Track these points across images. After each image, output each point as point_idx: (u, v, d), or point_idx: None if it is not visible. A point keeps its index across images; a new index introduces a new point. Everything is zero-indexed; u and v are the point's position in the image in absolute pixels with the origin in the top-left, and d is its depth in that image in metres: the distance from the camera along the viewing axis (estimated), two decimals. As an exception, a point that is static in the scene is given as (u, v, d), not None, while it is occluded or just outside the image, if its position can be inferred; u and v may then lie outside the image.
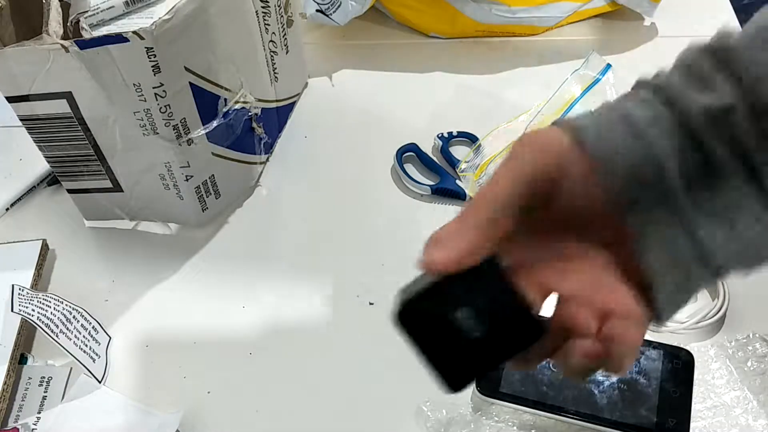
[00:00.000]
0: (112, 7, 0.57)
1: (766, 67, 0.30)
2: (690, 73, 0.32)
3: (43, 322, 0.53)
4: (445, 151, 0.69)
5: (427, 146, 0.71)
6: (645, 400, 0.50)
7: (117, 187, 0.62)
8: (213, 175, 0.63)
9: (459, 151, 0.69)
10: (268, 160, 0.71)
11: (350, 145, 0.73)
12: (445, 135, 0.70)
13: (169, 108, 0.56)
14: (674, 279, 0.32)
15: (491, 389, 0.51)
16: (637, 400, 0.50)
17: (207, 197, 0.64)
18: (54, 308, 0.55)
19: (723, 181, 0.31)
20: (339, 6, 0.74)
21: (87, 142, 0.58)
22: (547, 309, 0.34)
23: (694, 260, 0.31)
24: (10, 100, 0.55)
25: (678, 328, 0.54)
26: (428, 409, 0.51)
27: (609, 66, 0.68)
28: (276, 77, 0.70)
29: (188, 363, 0.57)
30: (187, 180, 0.61)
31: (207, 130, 0.60)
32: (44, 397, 0.55)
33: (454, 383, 0.33)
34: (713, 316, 0.54)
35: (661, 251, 0.31)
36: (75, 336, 0.55)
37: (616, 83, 0.68)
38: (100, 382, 0.55)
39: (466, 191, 0.65)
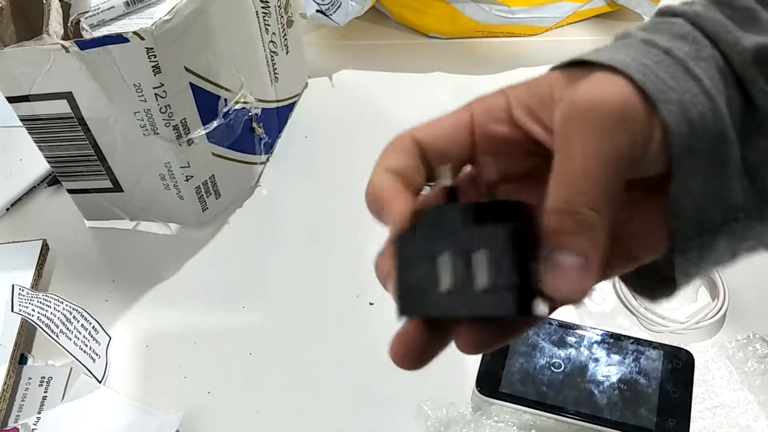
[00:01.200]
0: (113, 7, 0.57)
1: None
2: (732, 8, 0.27)
3: (43, 322, 0.53)
4: (445, 152, 0.69)
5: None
6: (645, 400, 0.50)
7: (117, 187, 0.62)
8: (213, 175, 0.63)
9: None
10: (268, 160, 0.71)
11: (350, 145, 0.73)
12: (445, 135, 0.70)
13: (170, 108, 0.56)
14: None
15: (491, 389, 0.51)
16: (637, 400, 0.50)
17: (207, 197, 0.64)
18: (54, 308, 0.55)
19: (761, 137, 0.27)
20: (339, 6, 0.74)
21: (87, 142, 0.58)
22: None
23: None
24: (11, 100, 0.55)
25: (678, 328, 0.54)
26: (428, 408, 0.51)
27: None
28: (276, 77, 0.70)
29: (188, 363, 0.57)
30: (187, 180, 0.61)
31: (207, 131, 0.60)
32: (44, 397, 0.55)
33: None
34: (713, 317, 0.54)
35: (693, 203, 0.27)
36: (75, 336, 0.55)
37: None
38: (100, 382, 0.55)
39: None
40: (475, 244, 0.25)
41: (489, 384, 0.52)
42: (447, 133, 0.30)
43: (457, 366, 0.54)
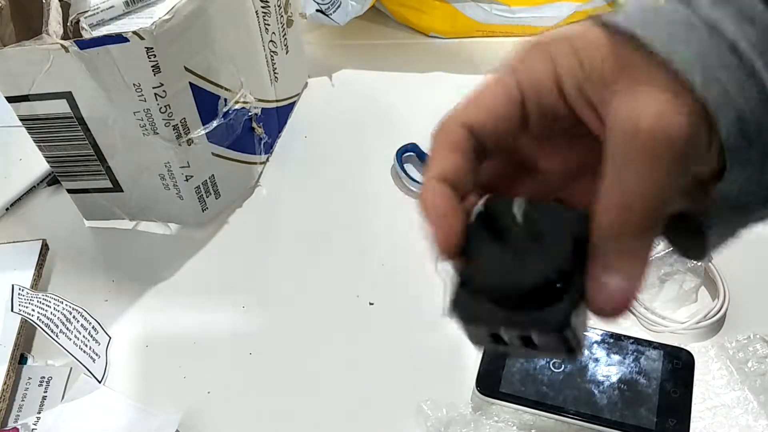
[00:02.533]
0: (112, 6, 0.57)
1: None
2: None
3: (43, 322, 0.53)
4: (445, 151, 0.69)
5: (427, 146, 0.71)
6: (645, 400, 0.50)
7: (117, 187, 0.62)
8: (213, 175, 0.63)
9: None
10: (268, 160, 0.71)
11: (350, 145, 0.73)
12: (445, 135, 0.70)
13: (169, 108, 0.56)
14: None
15: (491, 389, 0.51)
16: (637, 400, 0.50)
17: (207, 197, 0.64)
18: (54, 308, 0.55)
19: None
20: (339, 6, 0.74)
21: (87, 142, 0.58)
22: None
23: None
24: (10, 100, 0.55)
25: (678, 329, 0.54)
26: (428, 408, 0.51)
27: None
28: (276, 77, 0.70)
29: (188, 363, 0.57)
30: (186, 180, 0.61)
31: (207, 130, 0.60)
32: (44, 397, 0.55)
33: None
34: (713, 317, 0.54)
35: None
36: (75, 336, 0.55)
37: None
38: (99, 382, 0.55)
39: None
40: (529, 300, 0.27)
41: (489, 384, 0.52)
42: (500, 113, 0.28)
43: (457, 366, 0.54)
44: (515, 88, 0.27)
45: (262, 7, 0.64)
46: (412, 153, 0.70)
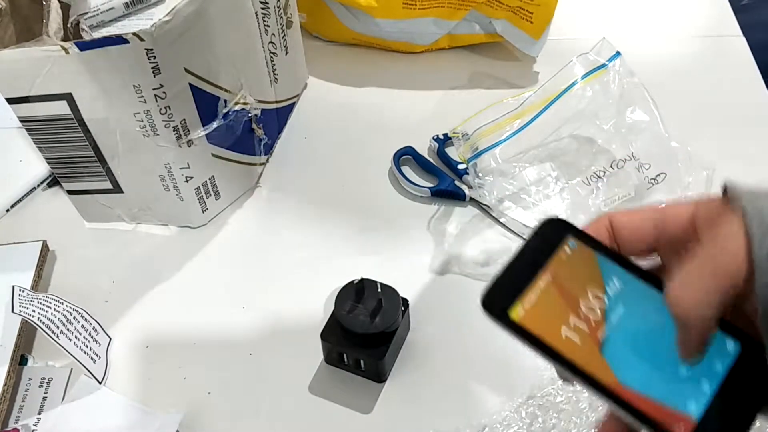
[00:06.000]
0: (112, 8, 0.57)
1: None
2: None
3: (43, 323, 0.53)
4: (441, 153, 0.70)
5: (423, 149, 0.71)
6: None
7: (117, 188, 0.62)
8: (213, 176, 0.63)
9: (455, 153, 0.70)
10: (267, 161, 0.71)
11: (349, 146, 0.73)
12: (441, 137, 0.70)
13: (169, 109, 0.56)
14: None
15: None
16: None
17: (207, 198, 0.64)
18: (54, 309, 0.55)
19: None
20: None
21: (87, 143, 0.58)
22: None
23: None
24: (11, 101, 0.56)
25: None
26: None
27: (618, 54, 0.67)
28: (276, 78, 0.70)
29: (188, 364, 0.57)
30: (187, 181, 0.61)
31: (207, 132, 0.60)
32: (44, 398, 0.55)
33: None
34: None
35: None
36: (75, 337, 0.55)
37: (622, 72, 0.67)
38: (100, 383, 0.55)
39: (465, 191, 0.65)
40: None
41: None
42: (637, 226, 0.35)
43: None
44: (660, 217, 0.35)
45: (262, 8, 0.64)
46: (408, 156, 0.70)
